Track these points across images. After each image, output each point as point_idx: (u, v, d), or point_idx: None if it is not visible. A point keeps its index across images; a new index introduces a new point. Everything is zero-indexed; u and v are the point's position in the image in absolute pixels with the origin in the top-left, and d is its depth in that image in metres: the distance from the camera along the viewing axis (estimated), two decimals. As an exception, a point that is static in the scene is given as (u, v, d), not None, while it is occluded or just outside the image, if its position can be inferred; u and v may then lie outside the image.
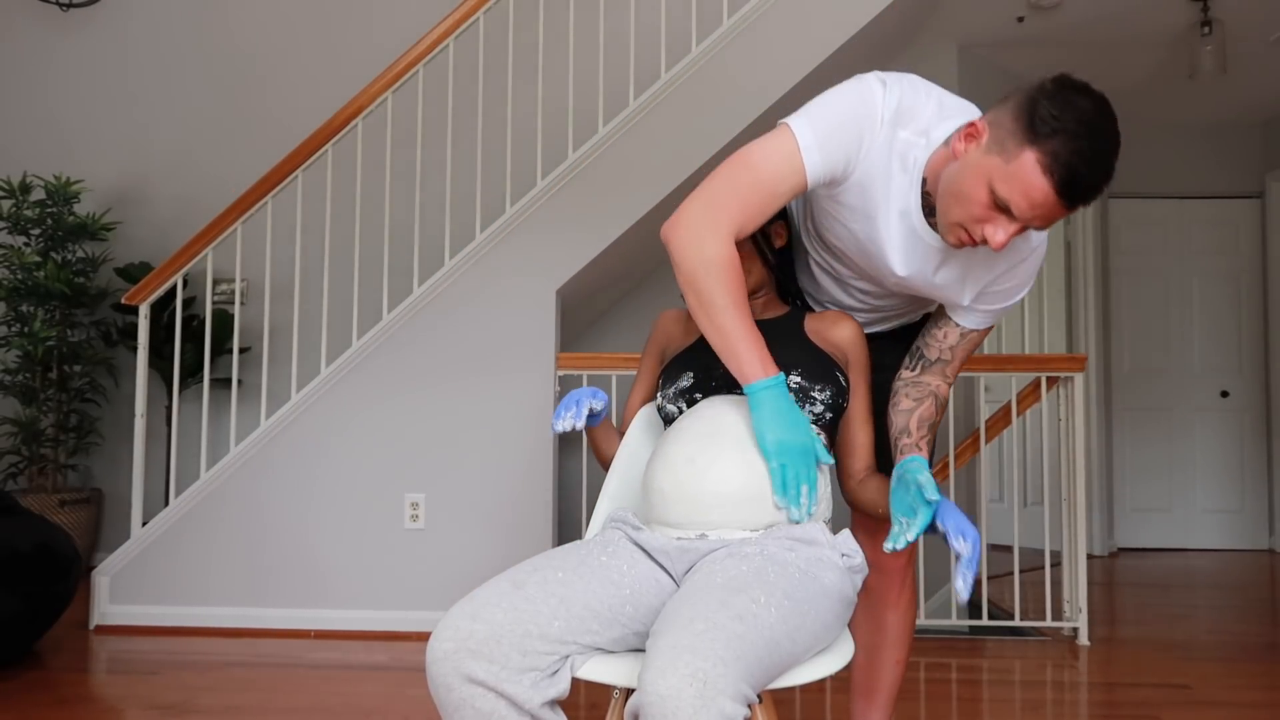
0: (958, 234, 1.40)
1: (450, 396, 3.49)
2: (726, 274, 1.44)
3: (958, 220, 1.38)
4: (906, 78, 1.48)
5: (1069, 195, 1.30)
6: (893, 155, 1.46)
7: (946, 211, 1.40)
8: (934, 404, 1.65)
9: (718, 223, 1.45)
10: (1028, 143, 1.30)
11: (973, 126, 1.38)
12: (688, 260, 1.45)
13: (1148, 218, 5.88)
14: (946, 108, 1.48)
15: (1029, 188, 1.30)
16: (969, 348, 1.67)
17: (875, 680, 1.91)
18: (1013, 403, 3.59)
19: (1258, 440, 5.81)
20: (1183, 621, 3.82)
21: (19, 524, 3.02)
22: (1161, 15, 4.36)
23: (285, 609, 3.45)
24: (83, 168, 4.82)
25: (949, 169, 1.41)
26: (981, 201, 1.34)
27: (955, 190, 1.38)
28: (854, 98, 1.46)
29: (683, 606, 1.23)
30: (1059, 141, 1.28)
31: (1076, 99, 1.30)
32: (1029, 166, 1.30)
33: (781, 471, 1.42)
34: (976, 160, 1.35)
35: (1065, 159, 1.28)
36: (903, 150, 1.45)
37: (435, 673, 1.28)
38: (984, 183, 1.34)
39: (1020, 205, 1.32)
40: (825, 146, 1.44)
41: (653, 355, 1.77)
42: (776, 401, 1.43)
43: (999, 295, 1.60)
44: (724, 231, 1.45)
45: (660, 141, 3.49)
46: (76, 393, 4.51)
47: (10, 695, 2.65)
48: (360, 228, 3.91)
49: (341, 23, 4.82)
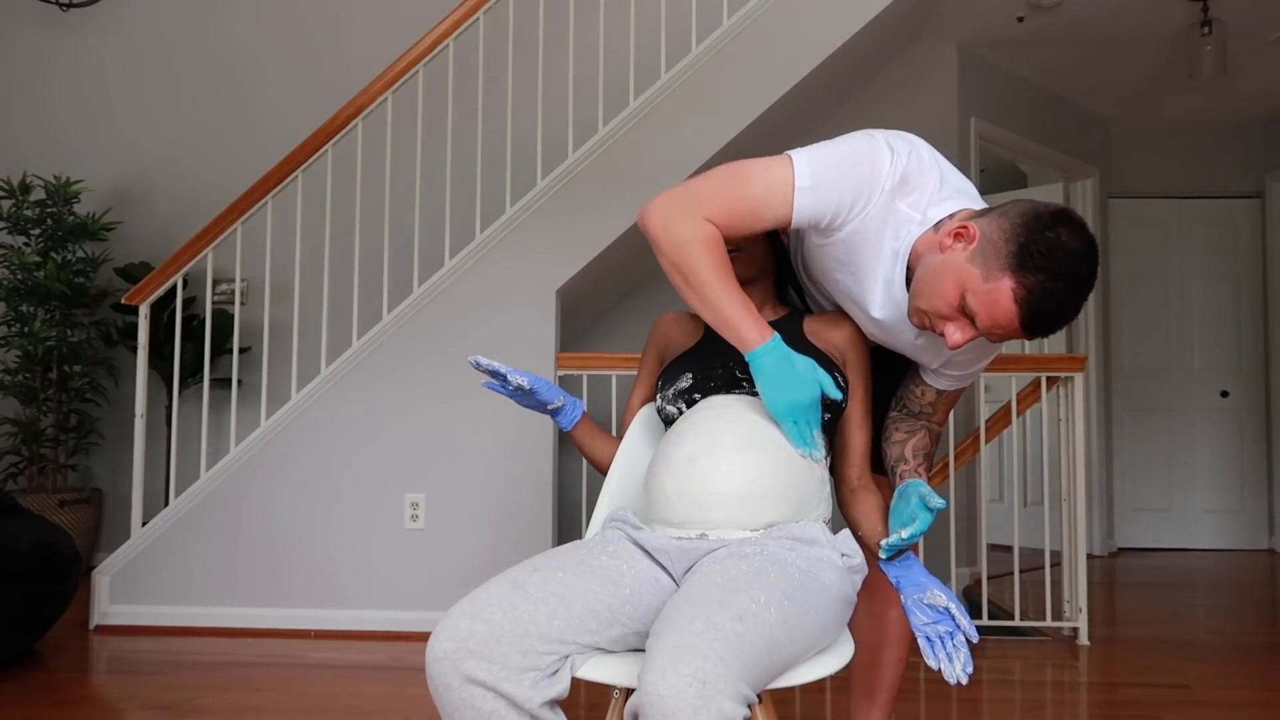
0: (921, 318, 1.45)
1: (450, 396, 3.49)
2: (708, 249, 1.44)
3: (924, 309, 1.43)
4: (915, 147, 1.47)
5: (1031, 327, 1.36)
6: (887, 224, 1.47)
7: (917, 296, 1.44)
8: (927, 435, 1.68)
9: (693, 211, 1.45)
10: (1009, 270, 1.34)
11: (965, 229, 1.39)
12: (668, 241, 1.46)
13: (1148, 218, 5.87)
14: (947, 184, 1.49)
15: (997, 310, 1.35)
16: (949, 404, 1.72)
17: (876, 679, 1.91)
18: (1013, 403, 3.59)
19: (1258, 440, 5.81)
20: (1183, 621, 3.82)
21: (19, 524, 3.02)
22: (1161, 15, 4.36)
23: (285, 609, 3.45)
24: (83, 168, 4.83)
25: (931, 258, 1.43)
26: (951, 303, 1.39)
27: (931, 282, 1.41)
28: (862, 157, 1.45)
29: (683, 606, 1.23)
30: (1038, 279, 1.32)
31: (1068, 239, 1.33)
32: (1003, 291, 1.34)
33: (796, 429, 1.46)
34: (958, 264, 1.38)
35: (1038, 296, 1.33)
36: (897, 223, 1.47)
37: (435, 673, 1.28)
38: (958, 288, 1.38)
39: (984, 320, 1.37)
40: (818, 191, 1.44)
41: (652, 356, 1.77)
42: (778, 364, 1.44)
43: (962, 364, 1.65)
44: (699, 217, 1.45)
45: (660, 142, 3.49)
46: (76, 393, 4.51)
47: (10, 695, 2.65)
48: (360, 228, 3.91)
49: (341, 23, 4.82)
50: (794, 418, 1.45)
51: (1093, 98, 5.44)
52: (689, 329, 1.75)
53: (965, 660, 1.32)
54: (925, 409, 1.71)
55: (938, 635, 1.35)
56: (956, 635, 1.34)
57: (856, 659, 1.91)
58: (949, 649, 1.33)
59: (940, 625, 1.35)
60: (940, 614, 1.36)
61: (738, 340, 1.45)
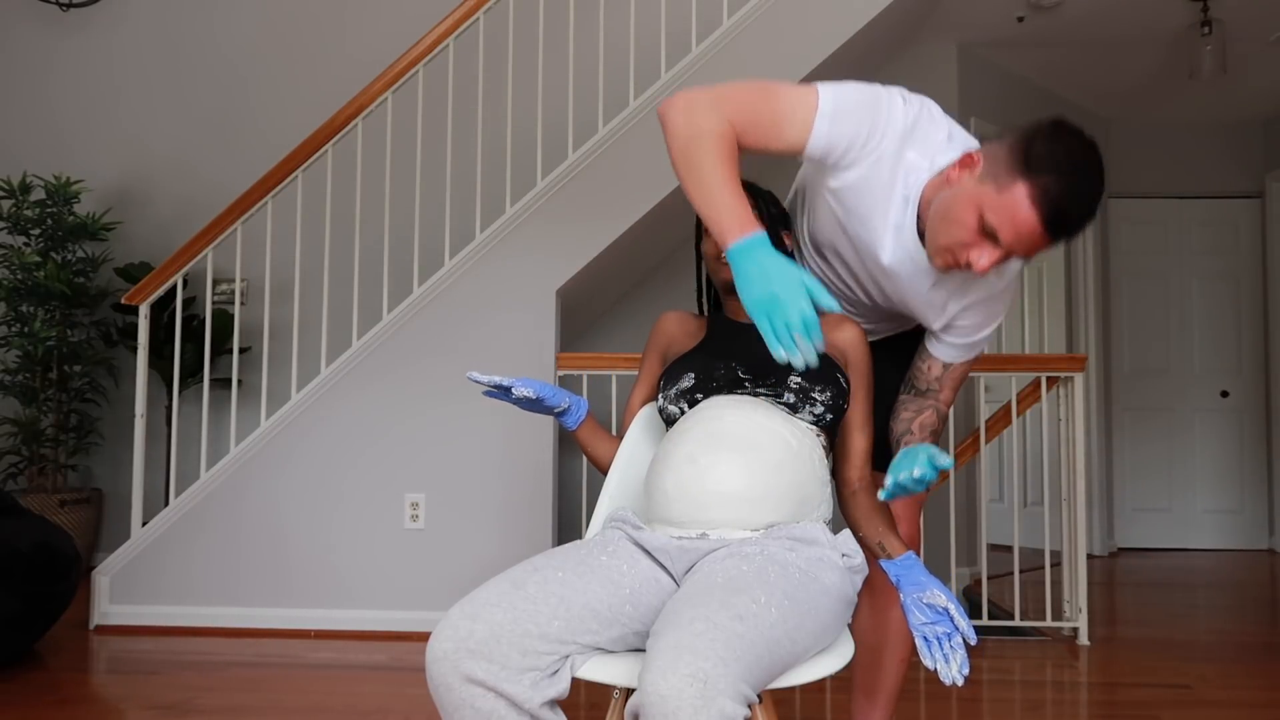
0: (944, 257, 1.45)
1: (450, 396, 3.49)
2: (720, 143, 1.42)
3: (946, 244, 1.44)
4: (926, 102, 1.53)
5: (1054, 229, 1.36)
6: (898, 172, 1.50)
7: (936, 235, 1.45)
8: (935, 414, 1.69)
9: (718, 108, 1.44)
10: (1020, 176, 1.35)
11: (969, 157, 1.43)
12: (687, 127, 1.43)
13: (1148, 218, 5.87)
14: (955, 139, 1.53)
15: (1017, 218, 1.36)
16: (955, 379, 1.73)
17: (878, 679, 1.91)
18: (1013, 403, 3.59)
19: (1258, 440, 5.81)
20: (1183, 621, 3.82)
21: (19, 524, 3.02)
22: (1161, 15, 4.36)
23: (285, 609, 3.45)
24: (83, 168, 4.82)
25: (942, 194, 1.46)
26: (970, 227, 1.40)
27: (946, 214, 1.43)
28: (880, 101, 1.50)
29: (683, 606, 1.23)
30: (1050, 178, 1.34)
31: (1070, 140, 1.36)
32: (1019, 198, 1.35)
33: (770, 326, 1.30)
34: (970, 188, 1.41)
35: (1054, 195, 1.33)
36: (907, 170, 1.50)
37: (435, 673, 1.28)
38: (975, 210, 1.39)
39: (1007, 234, 1.37)
40: (838, 120, 1.47)
41: (653, 356, 1.77)
42: (759, 260, 1.33)
43: (966, 329, 1.66)
44: (722, 115, 1.44)
45: (660, 142, 3.49)
46: (76, 393, 4.51)
47: (10, 695, 2.65)
48: (360, 228, 3.91)
49: (341, 23, 4.82)
50: (767, 312, 1.30)
51: (1093, 98, 5.44)
52: (691, 328, 1.75)
53: (962, 661, 1.32)
54: (932, 385, 1.71)
55: (935, 636, 1.34)
56: (955, 636, 1.33)
57: (858, 659, 1.90)
58: (946, 650, 1.33)
59: (939, 626, 1.35)
60: (939, 614, 1.35)
61: (718, 232, 1.38)
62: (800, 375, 1.57)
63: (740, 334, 1.68)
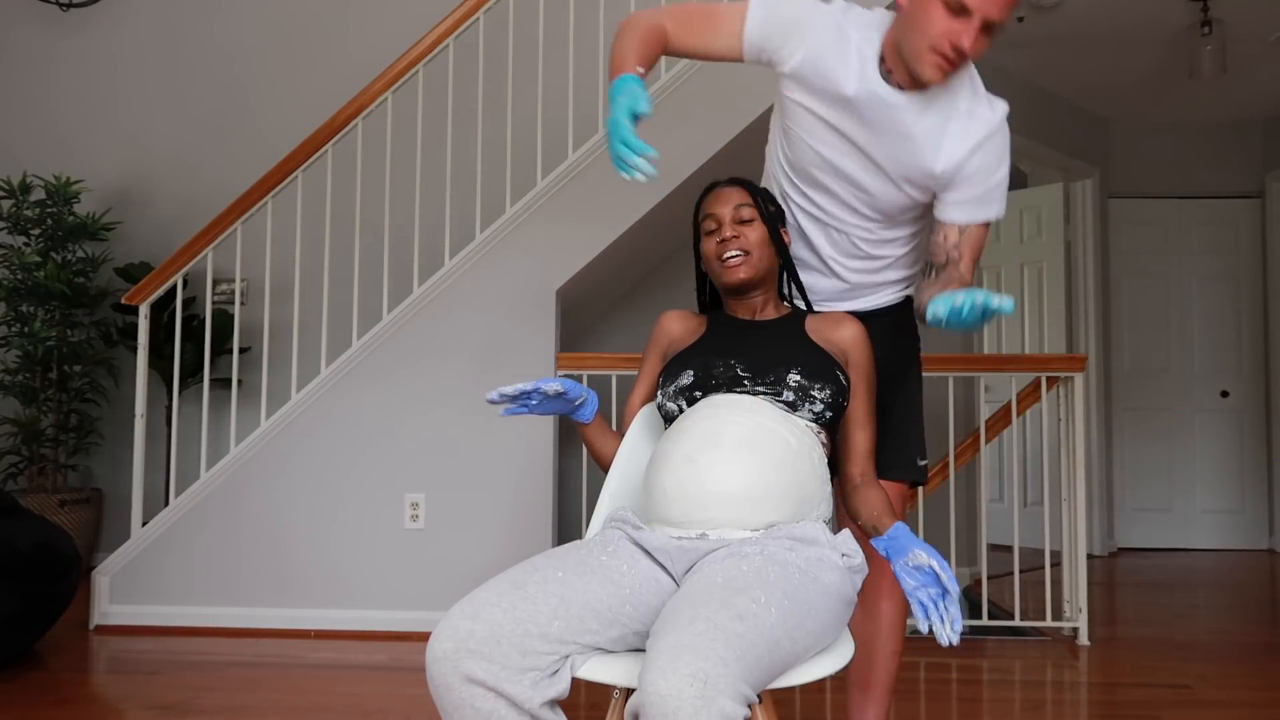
0: (932, 59, 1.54)
1: (450, 396, 3.49)
2: (645, 31, 1.67)
3: (926, 45, 1.53)
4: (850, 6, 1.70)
5: None
6: (847, 44, 1.64)
7: (913, 45, 1.54)
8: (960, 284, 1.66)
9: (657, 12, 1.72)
10: None
11: None
12: (622, 23, 1.69)
13: (1148, 218, 5.87)
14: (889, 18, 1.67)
15: None
16: (973, 245, 1.71)
17: (871, 672, 1.91)
18: (1013, 403, 3.59)
19: (1258, 440, 5.81)
20: (1183, 621, 3.82)
21: (19, 524, 3.02)
22: (1161, 15, 4.36)
23: (285, 609, 3.45)
24: (83, 168, 4.82)
25: (899, 19, 1.59)
26: (939, 15, 1.50)
27: (912, 23, 1.54)
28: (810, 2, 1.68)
29: (683, 606, 1.23)
30: None
31: None
32: None
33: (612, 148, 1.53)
34: None
35: None
36: (858, 42, 1.64)
37: (435, 673, 1.28)
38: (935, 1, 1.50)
39: None
40: (769, 20, 1.66)
41: (654, 355, 1.77)
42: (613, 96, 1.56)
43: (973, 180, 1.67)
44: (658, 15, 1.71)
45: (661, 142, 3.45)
46: (76, 393, 4.51)
47: (10, 695, 2.65)
48: (360, 228, 3.91)
49: (341, 23, 4.82)
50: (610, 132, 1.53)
51: (1093, 98, 5.44)
52: (691, 326, 1.75)
53: (955, 620, 1.30)
54: (951, 254, 1.70)
55: (930, 599, 1.31)
56: (947, 596, 1.31)
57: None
58: (940, 611, 1.30)
59: (930, 589, 1.32)
60: (926, 575, 1.33)
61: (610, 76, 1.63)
62: (799, 372, 1.56)
63: (740, 332, 1.68)
